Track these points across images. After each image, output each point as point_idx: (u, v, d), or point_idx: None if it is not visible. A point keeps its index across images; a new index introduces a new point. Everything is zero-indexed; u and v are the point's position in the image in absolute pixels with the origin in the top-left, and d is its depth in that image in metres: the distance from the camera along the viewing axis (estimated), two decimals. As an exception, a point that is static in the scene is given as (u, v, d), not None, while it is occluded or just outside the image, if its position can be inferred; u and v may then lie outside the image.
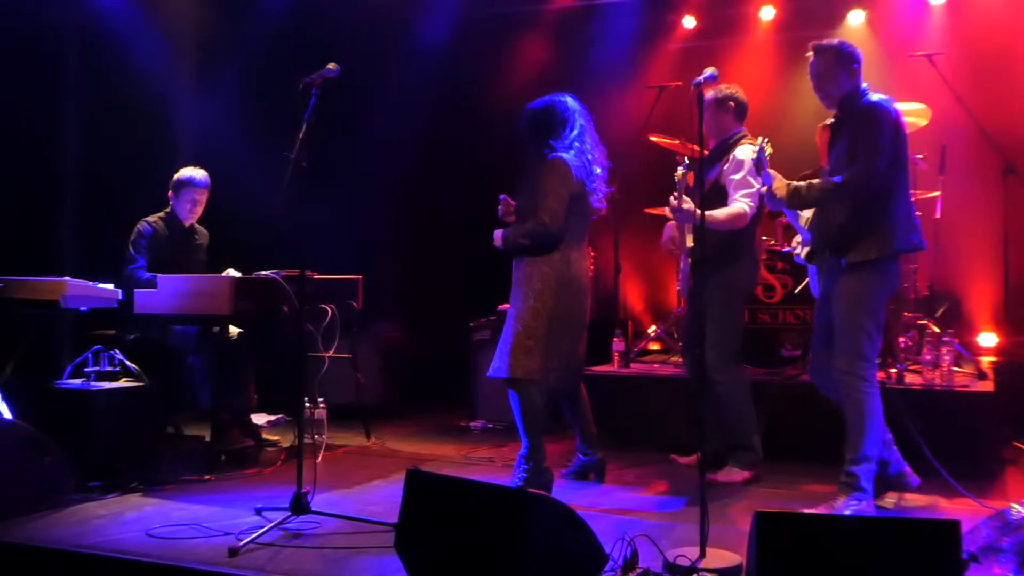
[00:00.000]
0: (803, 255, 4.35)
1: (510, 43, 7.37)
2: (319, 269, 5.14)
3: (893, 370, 5.26)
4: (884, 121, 3.97)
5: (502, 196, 4.62)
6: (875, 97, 4.09)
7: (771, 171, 4.18)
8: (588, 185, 4.47)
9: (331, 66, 3.94)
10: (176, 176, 5.46)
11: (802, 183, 4.09)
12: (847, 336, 4.03)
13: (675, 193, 4.60)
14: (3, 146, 5.55)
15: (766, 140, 4.16)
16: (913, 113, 5.65)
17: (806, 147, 6.29)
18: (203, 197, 5.48)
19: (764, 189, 4.19)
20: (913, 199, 5.54)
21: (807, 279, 5.30)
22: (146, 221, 5.39)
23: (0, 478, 3.93)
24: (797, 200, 4.10)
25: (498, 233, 4.53)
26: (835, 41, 4.19)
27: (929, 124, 5.69)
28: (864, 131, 3.98)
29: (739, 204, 4.63)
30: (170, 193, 5.46)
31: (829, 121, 6.05)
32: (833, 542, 2.73)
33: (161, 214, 5.45)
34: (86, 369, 4.64)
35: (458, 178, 7.15)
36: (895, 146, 3.99)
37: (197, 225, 5.59)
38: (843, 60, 4.12)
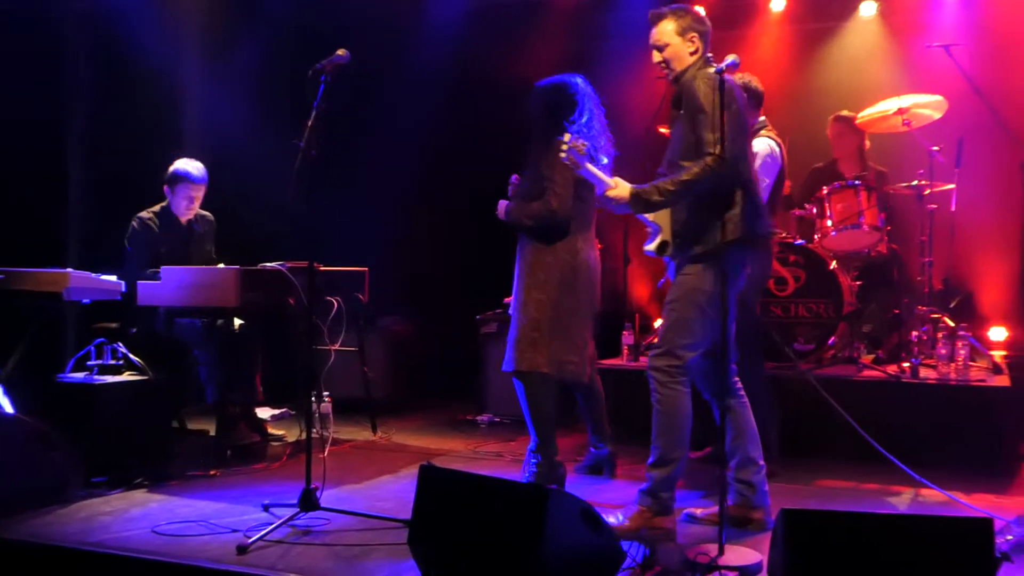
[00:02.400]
0: (653, 247, 3.97)
1: (522, 33, 7.25)
2: (325, 261, 5.06)
3: (907, 364, 5.20)
4: (716, 103, 3.54)
5: (514, 177, 4.53)
6: (708, 73, 3.64)
7: (592, 168, 3.86)
8: None
9: (341, 52, 3.86)
10: (171, 169, 5.29)
11: (644, 187, 3.70)
12: (668, 329, 3.71)
13: None
14: (8, 137, 5.48)
15: (575, 138, 3.83)
16: (929, 105, 5.59)
17: (820, 140, 6.25)
18: (200, 193, 5.32)
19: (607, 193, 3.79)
20: (928, 191, 5.52)
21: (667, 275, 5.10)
22: (139, 217, 5.26)
23: (3, 474, 3.86)
24: (642, 206, 3.71)
25: (503, 204, 4.46)
26: (673, 6, 3.84)
27: (945, 116, 5.61)
28: (696, 116, 3.60)
29: None
30: (166, 187, 5.31)
31: (843, 113, 6.05)
32: (863, 540, 2.66)
33: (156, 208, 5.32)
34: (89, 363, 4.57)
35: (467, 169, 7.06)
36: (735, 129, 3.61)
37: (202, 213, 5.48)
38: (682, 28, 3.77)
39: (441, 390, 6.87)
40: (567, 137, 3.84)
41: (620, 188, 3.75)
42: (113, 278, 4.77)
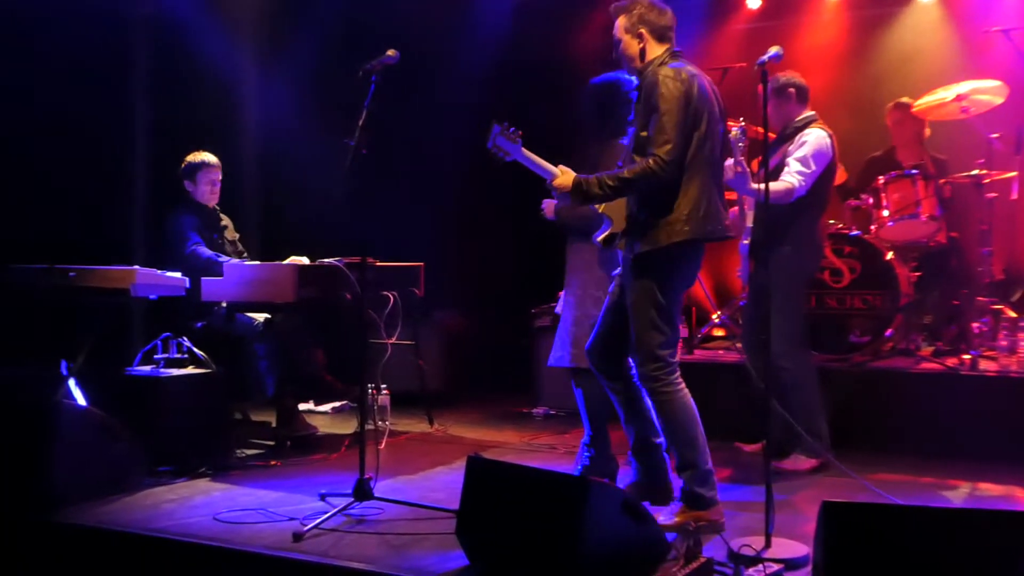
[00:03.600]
0: (601, 239, 3.95)
1: (573, 24, 7.26)
2: (381, 256, 5.16)
3: (967, 356, 5.12)
4: (671, 100, 3.51)
5: (544, 203, 4.46)
6: (669, 68, 3.59)
7: (536, 158, 3.82)
8: None
9: (391, 52, 3.93)
10: (187, 162, 5.42)
11: (588, 178, 3.68)
12: (639, 336, 3.68)
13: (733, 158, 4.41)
14: (75, 139, 5.67)
15: (502, 126, 3.85)
16: (988, 91, 5.48)
17: (877, 128, 6.16)
18: (219, 176, 5.49)
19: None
20: (988, 180, 5.40)
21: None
22: (174, 215, 5.37)
23: (74, 462, 4.02)
24: (581, 196, 3.70)
25: (549, 204, 4.38)
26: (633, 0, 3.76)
27: (1006, 102, 5.49)
28: (651, 114, 3.55)
29: (787, 179, 4.49)
30: (185, 182, 5.43)
31: (902, 100, 5.95)
32: (906, 534, 2.64)
33: (181, 207, 5.42)
34: (155, 356, 4.73)
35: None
36: (687, 129, 3.54)
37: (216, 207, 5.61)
38: (632, 26, 3.71)
39: (496, 383, 6.93)
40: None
41: (565, 178, 3.74)
42: (178, 274, 4.91)
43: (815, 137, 4.60)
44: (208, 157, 5.47)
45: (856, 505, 2.83)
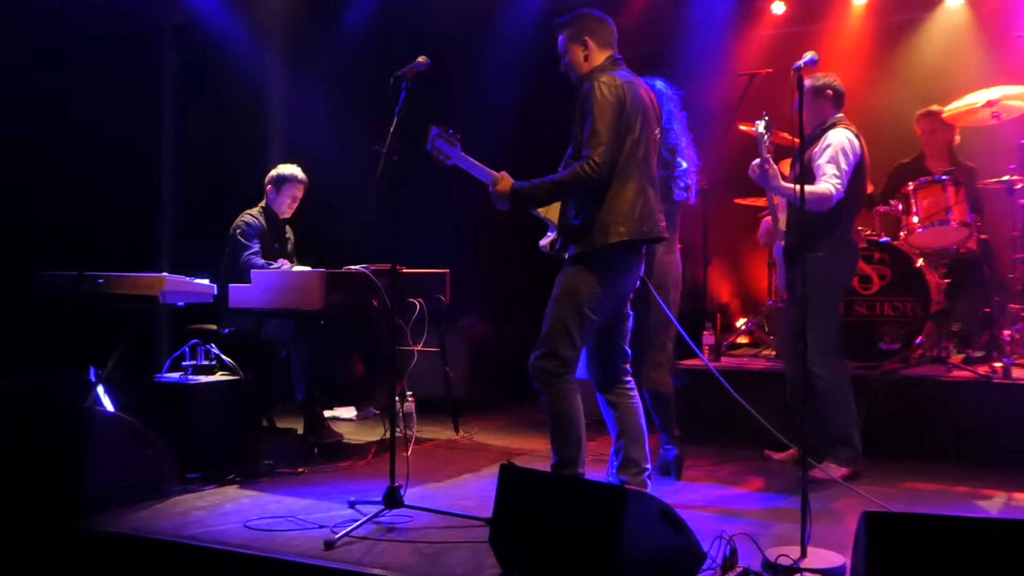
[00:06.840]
0: (547, 244, 4.01)
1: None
2: (407, 263, 5.15)
3: (999, 364, 5.07)
4: (604, 106, 3.62)
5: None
6: (605, 75, 3.70)
7: (476, 163, 3.90)
8: (674, 177, 4.41)
9: (421, 59, 3.93)
10: (277, 172, 5.57)
11: (523, 185, 3.80)
12: (549, 331, 3.78)
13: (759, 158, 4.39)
14: (105, 146, 5.71)
15: (439, 129, 3.91)
16: (1019, 97, 5.44)
17: (905, 135, 6.11)
18: (302, 193, 5.62)
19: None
20: (1020, 185, 5.33)
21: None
22: (249, 214, 5.51)
23: (104, 469, 4.02)
24: (519, 203, 3.83)
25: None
26: (575, 12, 3.87)
27: (1037, 107, 5.44)
28: (585, 119, 3.66)
29: (825, 185, 4.45)
30: (269, 188, 5.56)
31: (932, 108, 5.90)
32: (954, 546, 2.58)
33: (256, 209, 5.55)
34: (184, 363, 4.72)
35: (545, 170, 7.09)
36: (621, 133, 3.65)
37: None
38: (576, 35, 3.82)
39: (522, 390, 6.84)
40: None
41: (503, 184, 3.86)
42: (206, 281, 4.93)
43: (839, 137, 4.54)
44: (298, 172, 5.57)
45: (900, 515, 2.79)
